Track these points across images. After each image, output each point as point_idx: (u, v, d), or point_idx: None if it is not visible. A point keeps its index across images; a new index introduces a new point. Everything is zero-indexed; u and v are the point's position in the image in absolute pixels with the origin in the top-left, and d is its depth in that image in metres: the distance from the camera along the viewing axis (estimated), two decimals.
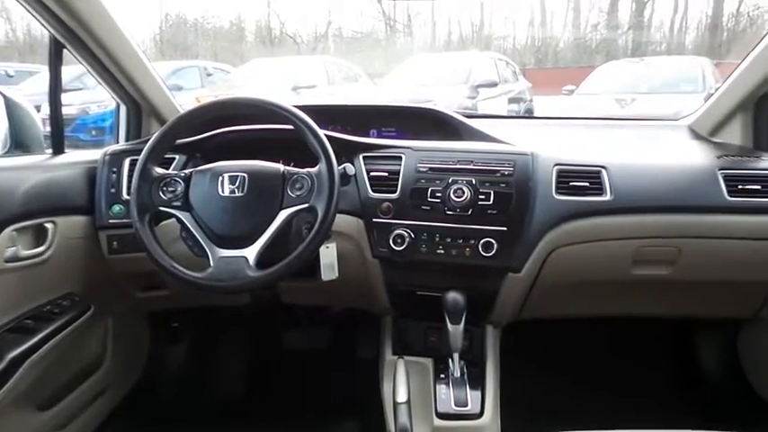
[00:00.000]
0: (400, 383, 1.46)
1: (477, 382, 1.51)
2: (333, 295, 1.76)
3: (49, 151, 1.59)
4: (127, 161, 1.58)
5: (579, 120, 2.16)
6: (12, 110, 1.54)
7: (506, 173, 1.45)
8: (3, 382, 1.30)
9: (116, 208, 1.54)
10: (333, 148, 1.28)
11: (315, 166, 1.27)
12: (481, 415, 1.45)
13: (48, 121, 1.58)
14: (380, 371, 1.64)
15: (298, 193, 1.27)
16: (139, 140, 1.77)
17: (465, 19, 21.38)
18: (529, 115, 7.78)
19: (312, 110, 1.37)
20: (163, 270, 1.27)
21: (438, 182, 1.45)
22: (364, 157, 1.52)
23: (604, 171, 1.48)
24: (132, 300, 1.76)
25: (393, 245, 1.44)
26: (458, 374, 1.48)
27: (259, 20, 22.03)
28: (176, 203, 1.29)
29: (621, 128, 2.01)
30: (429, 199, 1.45)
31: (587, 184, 1.47)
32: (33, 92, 4.15)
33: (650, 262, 1.51)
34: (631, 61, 9.47)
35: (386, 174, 1.50)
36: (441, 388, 1.50)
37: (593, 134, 1.94)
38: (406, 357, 1.58)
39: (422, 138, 1.64)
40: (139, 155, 1.32)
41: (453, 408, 1.45)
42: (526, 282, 1.50)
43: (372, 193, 1.48)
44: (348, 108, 1.91)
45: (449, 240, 1.43)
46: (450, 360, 1.49)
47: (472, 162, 1.47)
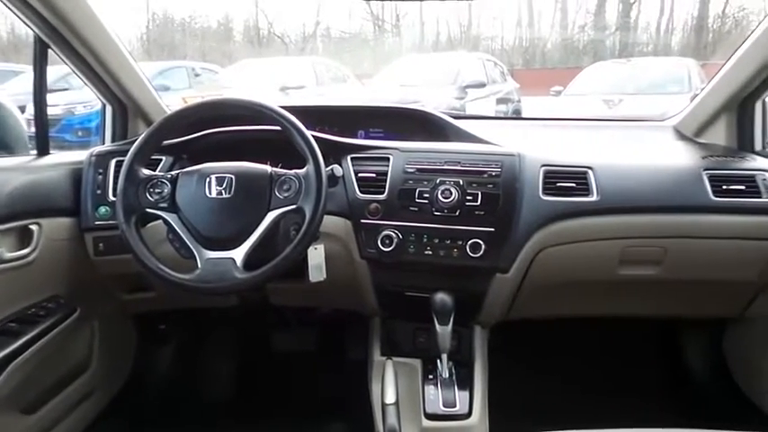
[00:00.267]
0: (388, 384, 1.46)
1: (465, 383, 1.52)
2: (321, 296, 1.75)
3: (34, 152, 1.58)
4: (113, 162, 1.57)
5: (566, 120, 2.17)
6: None
7: (494, 174, 1.45)
8: None
9: (102, 209, 1.53)
10: (320, 150, 1.28)
11: (302, 168, 1.27)
12: (469, 415, 1.45)
13: (33, 122, 1.57)
14: (369, 372, 1.64)
15: (285, 195, 1.27)
16: (126, 141, 1.75)
17: (453, 20, 21.35)
18: (516, 116, 7.81)
19: (300, 111, 1.37)
20: (149, 272, 1.26)
21: (426, 183, 1.46)
22: (352, 158, 1.52)
23: (591, 172, 1.49)
24: (118, 302, 1.74)
25: (381, 246, 1.44)
26: (446, 375, 1.49)
27: (247, 20, 21.89)
28: (163, 205, 1.29)
29: (608, 128, 2.02)
30: (417, 200, 1.45)
31: (574, 185, 1.47)
32: (18, 92, 4.10)
33: (637, 262, 1.52)
34: (618, 62, 9.51)
35: (374, 175, 1.50)
36: (429, 389, 1.50)
37: (579, 135, 1.95)
38: (395, 358, 1.58)
39: (409, 139, 1.64)
40: (126, 156, 1.32)
41: (441, 408, 1.45)
42: (514, 282, 1.51)
43: (360, 195, 1.48)
44: (336, 109, 1.91)
45: (436, 241, 1.44)
46: (438, 361, 1.50)
47: (459, 163, 1.48)
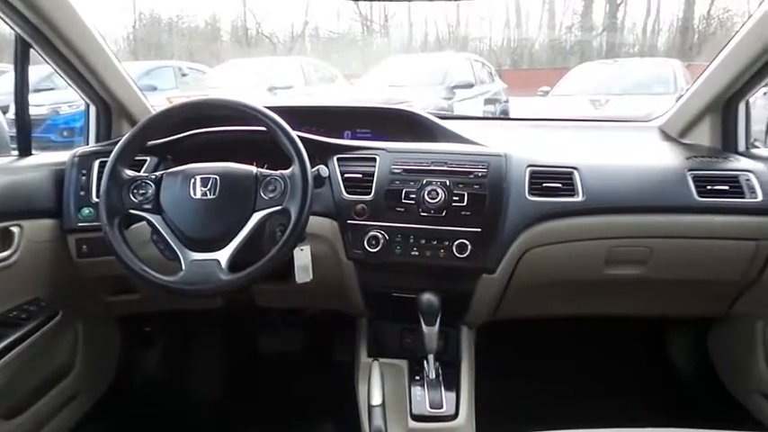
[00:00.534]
0: (375, 386, 1.46)
1: (452, 384, 1.51)
2: (307, 297, 1.74)
3: (16, 153, 1.55)
4: (96, 163, 1.55)
5: (552, 121, 2.17)
6: None
7: (480, 174, 1.45)
8: None
9: (85, 211, 1.51)
10: (306, 150, 1.27)
11: (288, 168, 1.27)
12: (456, 416, 1.45)
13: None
14: (356, 373, 1.64)
15: (271, 196, 1.26)
16: (110, 142, 1.74)
17: (441, 20, 21.38)
18: (502, 116, 7.84)
19: (285, 111, 1.36)
20: (133, 274, 1.25)
21: (412, 183, 1.45)
22: (338, 159, 1.52)
23: (576, 172, 1.49)
24: (102, 304, 1.73)
25: (368, 246, 1.43)
26: (433, 376, 1.49)
27: (235, 20, 21.75)
28: (147, 206, 1.28)
29: (594, 129, 2.03)
30: (403, 200, 1.45)
31: (560, 186, 1.48)
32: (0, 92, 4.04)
33: (622, 262, 1.53)
34: (605, 63, 9.57)
35: (360, 175, 1.49)
36: (416, 390, 1.50)
37: (566, 135, 1.96)
38: (382, 359, 1.58)
39: (396, 139, 1.64)
40: (109, 156, 1.30)
41: (428, 409, 1.45)
42: (500, 282, 1.51)
43: (346, 195, 1.47)
44: (322, 109, 1.90)
45: (423, 242, 1.43)
46: (425, 361, 1.49)
47: (446, 163, 1.47)
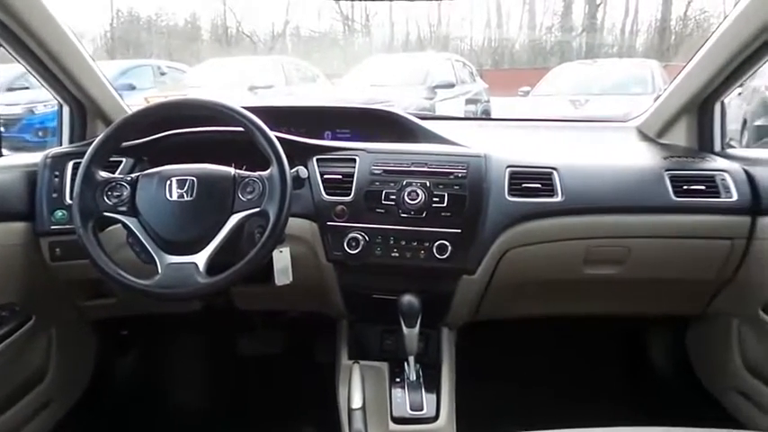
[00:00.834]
0: (355, 389, 1.45)
1: (432, 385, 1.51)
2: (287, 299, 1.73)
3: None
4: (70, 164, 1.52)
5: (532, 121, 2.18)
6: None
7: (460, 175, 1.45)
8: None
9: (59, 213, 1.48)
10: (285, 151, 1.26)
11: (266, 170, 1.25)
12: (437, 418, 1.44)
13: None
14: (336, 376, 1.63)
15: (249, 197, 1.24)
16: (84, 143, 1.70)
17: (423, 20, 21.39)
18: (483, 117, 7.87)
19: (264, 111, 1.35)
20: (108, 278, 1.22)
21: (392, 184, 1.44)
22: (318, 160, 1.50)
23: (555, 172, 1.50)
24: (77, 308, 1.69)
25: (347, 248, 1.42)
26: (413, 378, 1.48)
27: (215, 18, 21.51)
28: (122, 209, 1.25)
29: (573, 129, 2.04)
30: (383, 202, 1.44)
31: (539, 186, 1.48)
32: None
33: (601, 261, 1.53)
34: (584, 63, 9.68)
35: (340, 176, 1.48)
36: (396, 392, 1.49)
37: (545, 135, 1.97)
38: (362, 362, 1.57)
39: (376, 139, 1.62)
40: (83, 158, 1.28)
41: (409, 412, 1.44)
42: (481, 283, 1.51)
43: (326, 196, 1.46)
44: (301, 109, 1.88)
45: (403, 243, 1.43)
46: (405, 363, 1.49)
47: (426, 164, 1.47)
